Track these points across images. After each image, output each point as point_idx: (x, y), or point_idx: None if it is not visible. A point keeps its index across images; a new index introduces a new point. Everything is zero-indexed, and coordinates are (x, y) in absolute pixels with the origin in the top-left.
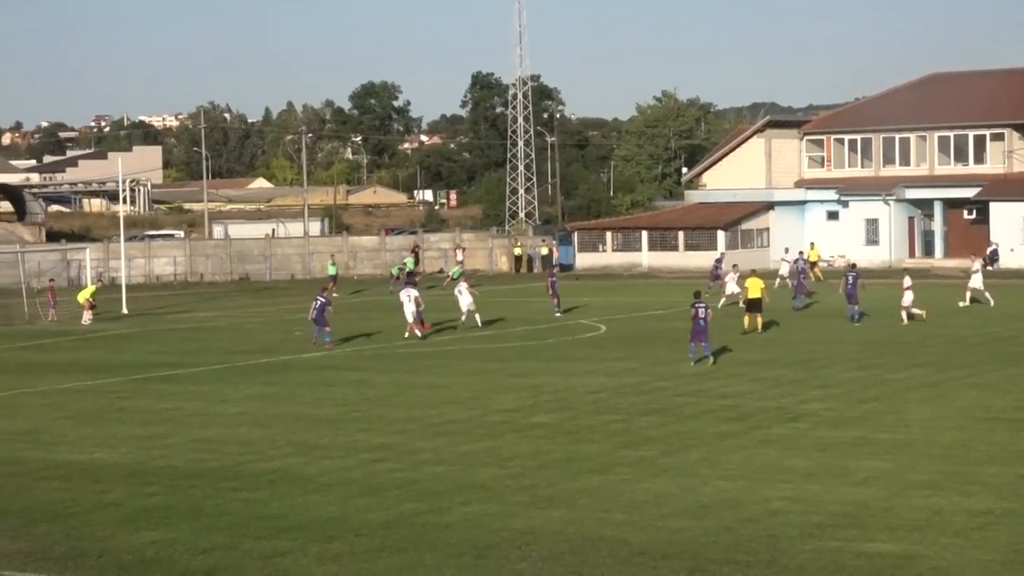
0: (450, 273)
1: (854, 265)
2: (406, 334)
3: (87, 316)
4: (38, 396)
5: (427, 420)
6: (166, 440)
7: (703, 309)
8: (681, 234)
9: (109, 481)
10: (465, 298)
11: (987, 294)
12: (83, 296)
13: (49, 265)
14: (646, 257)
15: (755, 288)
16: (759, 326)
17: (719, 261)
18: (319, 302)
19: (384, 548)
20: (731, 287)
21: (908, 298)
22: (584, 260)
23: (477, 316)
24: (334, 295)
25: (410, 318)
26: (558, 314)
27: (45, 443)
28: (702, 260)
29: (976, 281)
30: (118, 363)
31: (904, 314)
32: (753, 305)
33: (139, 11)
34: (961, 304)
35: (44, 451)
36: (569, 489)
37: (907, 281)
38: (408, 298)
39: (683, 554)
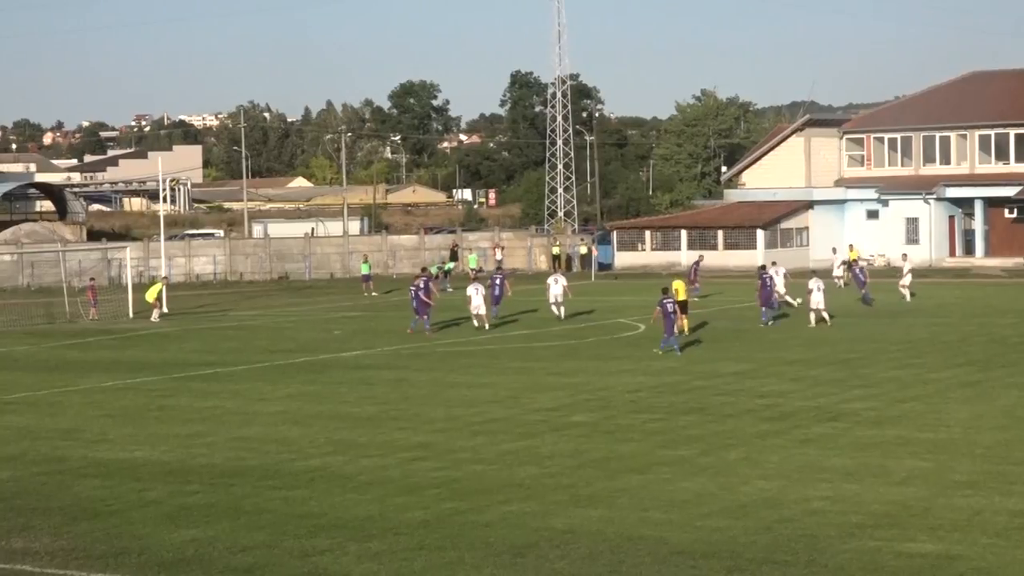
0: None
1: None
2: (477, 324)
3: (156, 314)
4: (79, 394)
5: (466, 419)
6: (206, 438)
7: (671, 304)
8: (720, 233)
9: (149, 479)
10: (477, 299)
11: None
12: (151, 295)
13: (90, 264)
14: (685, 256)
15: (681, 290)
16: (686, 328)
17: (697, 264)
18: (415, 289)
19: (423, 547)
20: (781, 287)
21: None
22: (623, 259)
23: (485, 321)
24: (372, 294)
25: (480, 310)
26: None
27: (86, 441)
28: (742, 259)
29: None
30: (159, 362)
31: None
32: (681, 306)
33: (179, 11)
34: None
35: (85, 449)
36: (608, 488)
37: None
38: (476, 291)
39: (722, 553)
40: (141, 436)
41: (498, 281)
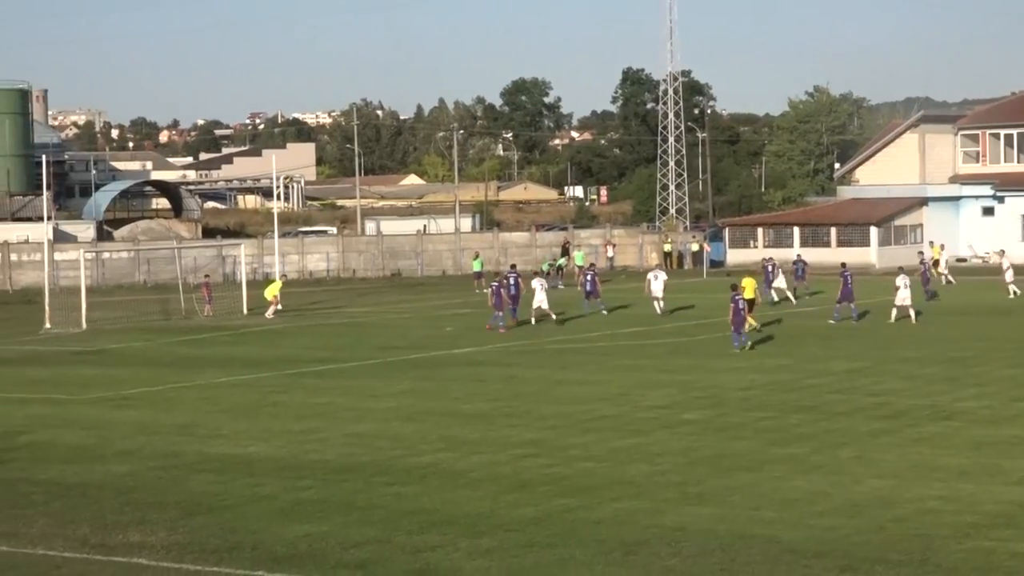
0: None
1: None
2: (538, 318)
3: (271, 311)
4: (194, 390)
5: (577, 416)
6: (319, 434)
7: (742, 300)
8: (833, 230)
9: (263, 474)
10: (540, 294)
11: None
12: (270, 292)
13: (205, 261)
14: (798, 253)
15: (749, 288)
16: (755, 324)
17: (801, 259)
18: (494, 286)
19: (534, 544)
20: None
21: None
22: (735, 256)
23: (546, 316)
24: (484, 291)
25: (544, 305)
26: (604, 312)
27: (201, 436)
28: (855, 256)
29: None
30: (272, 358)
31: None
32: (749, 304)
33: (293, 9)
34: None
35: (200, 444)
36: (719, 486)
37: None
38: (540, 286)
39: (835, 552)
40: (255, 431)
41: (512, 281)
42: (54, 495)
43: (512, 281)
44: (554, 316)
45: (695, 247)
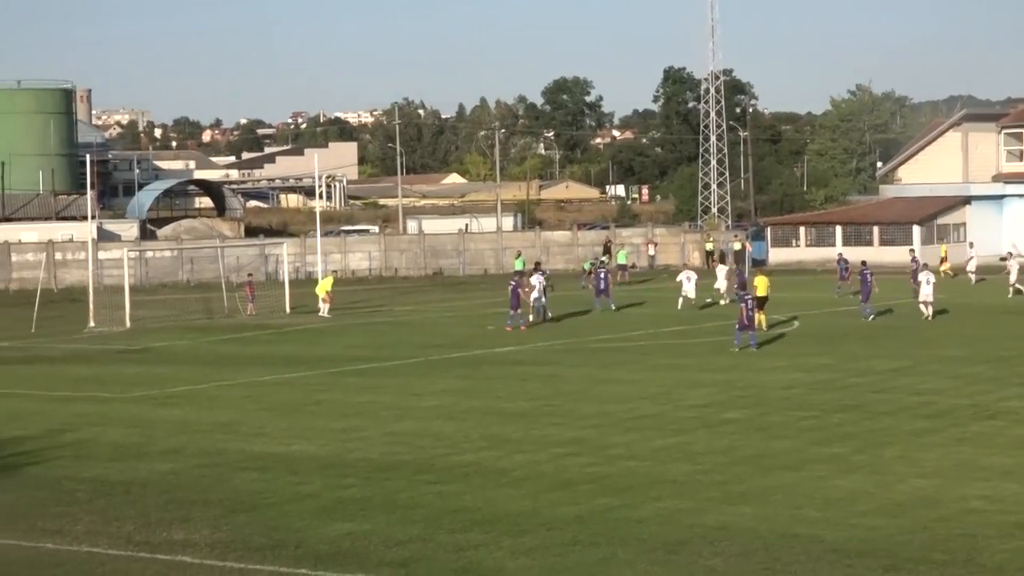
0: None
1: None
2: (530, 316)
3: (325, 308)
4: (238, 388)
5: (619, 415)
6: (361, 433)
7: (751, 300)
8: (876, 229)
9: (306, 473)
10: (536, 292)
11: None
12: (322, 289)
13: (248, 260)
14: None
15: (762, 286)
16: (764, 324)
17: (843, 258)
18: (512, 285)
19: (576, 542)
20: (1015, 275)
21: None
22: (777, 255)
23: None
24: (525, 289)
25: (533, 302)
26: (613, 307)
27: (244, 435)
28: (897, 255)
29: None
30: (314, 357)
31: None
32: (759, 303)
33: (335, 9)
34: None
35: (243, 442)
36: (761, 485)
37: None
38: (538, 284)
39: (878, 552)
40: (297, 430)
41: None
42: (98, 493)
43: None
44: (550, 315)
45: (737, 246)
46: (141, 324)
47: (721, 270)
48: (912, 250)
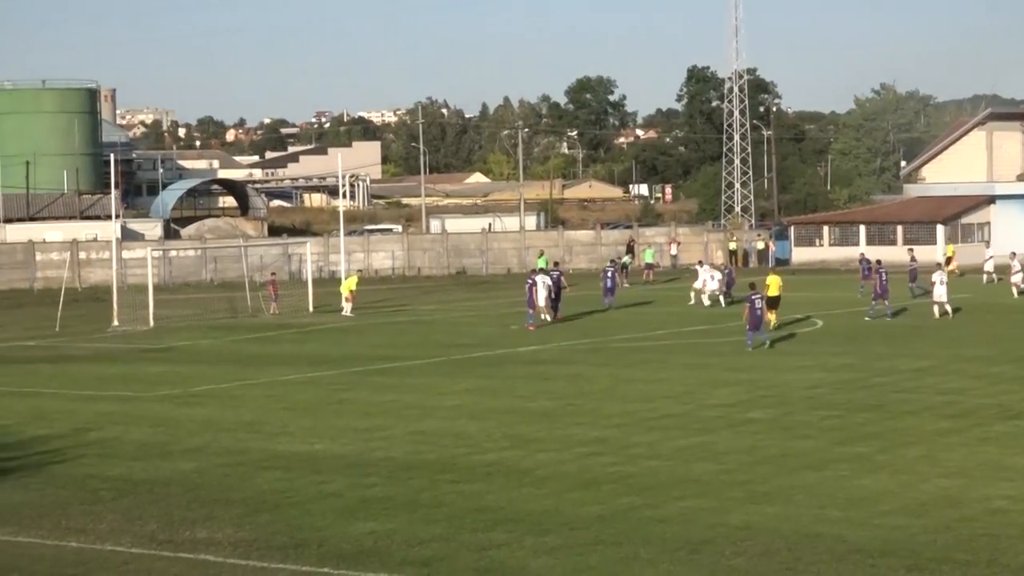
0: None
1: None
2: (543, 316)
3: (348, 307)
4: (261, 387)
5: (642, 414)
6: (384, 432)
7: (759, 299)
8: (900, 228)
9: (329, 472)
10: (541, 292)
11: None
12: (346, 287)
13: (271, 259)
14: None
15: (774, 286)
16: (772, 323)
17: (865, 258)
18: (529, 283)
19: (599, 542)
20: (1016, 277)
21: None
22: (800, 254)
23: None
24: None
25: (542, 303)
26: (607, 303)
27: (267, 434)
28: (921, 255)
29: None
30: (337, 356)
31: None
32: (771, 302)
33: (359, 8)
34: None
35: (266, 441)
36: (785, 485)
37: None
38: (543, 283)
39: (901, 552)
40: (321, 429)
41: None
42: (122, 491)
43: (553, 280)
44: (551, 317)
45: (760, 245)
46: (165, 323)
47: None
48: (911, 249)
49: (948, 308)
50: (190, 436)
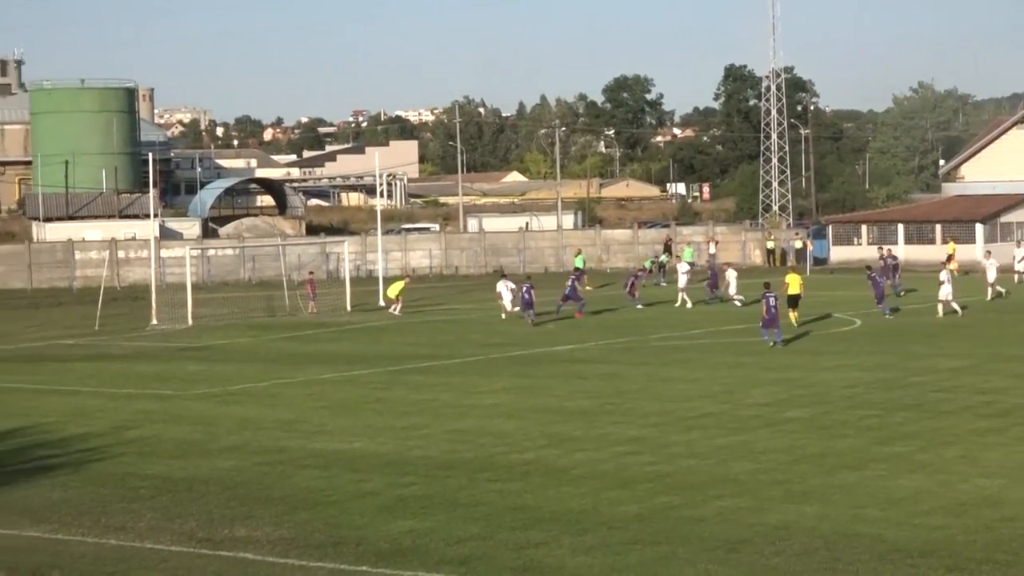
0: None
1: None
2: (503, 316)
3: (397, 308)
4: (299, 386)
5: (679, 413)
6: (422, 431)
7: (773, 299)
8: (938, 227)
9: (367, 470)
10: (507, 295)
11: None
12: (393, 291)
13: (309, 258)
14: (902, 250)
15: (794, 284)
16: (795, 322)
17: (891, 254)
18: (525, 286)
19: (637, 541)
20: (992, 274)
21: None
22: (839, 253)
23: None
24: (586, 288)
25: (508, 306)
26: (639, 307)
27: (306, 432)
28: (960, 254)
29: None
30: (375, 354)
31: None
32: (791, 301)
33: (396, 7)
34: None
35: (305, 440)
36: (823, 484)
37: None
38: (504, 287)
39: (941, 552)
40: (358, 428)
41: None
42: (161, 490)
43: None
44: (508, 315)
45: (798, 244)
46: (203, 322)
47: (683, 267)
48: (881, 248)
49: (955, 306)
50: (228, 434)
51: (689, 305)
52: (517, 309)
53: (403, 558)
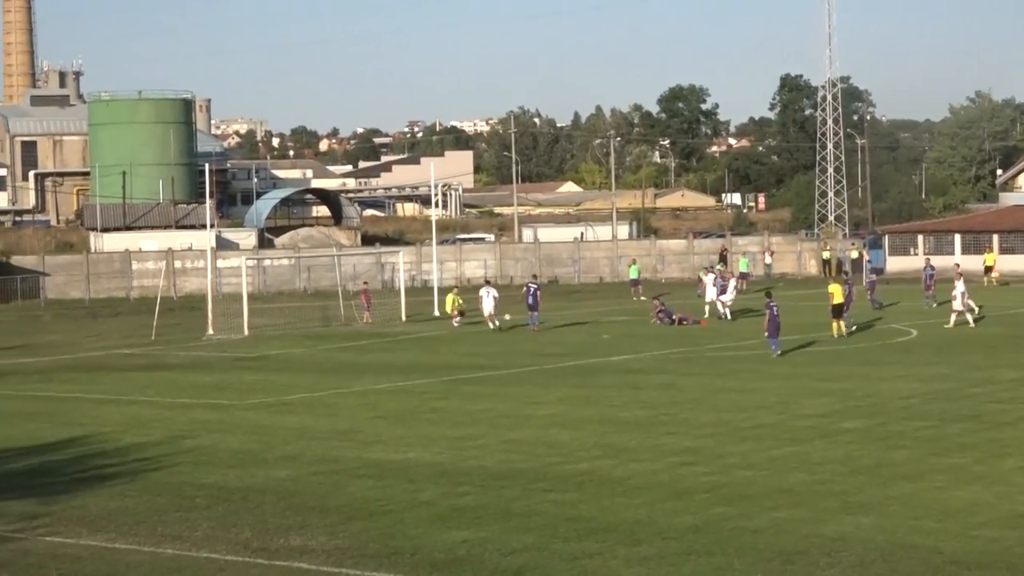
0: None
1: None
2: (489, 324)
3: (456, 320)
4: (354, 396)
5: (735, 424)
6: (477, 441)
7: (775, 308)
8: (996, 237)
9: (422, 480)
10: (488, 301)
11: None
12: (450, 305)
13: (364, 268)
14: (959, 260)
15: (837, 294)
16: (843, 331)
17: (930, 265)
18: (532, 288)
19: (692, 552)
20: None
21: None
22: (895, 263)
23: (492, 321)
24: (641, 298)
25: (486, 311)
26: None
27: (361, 442)
28: (1018, 264)
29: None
30: (430, 364)
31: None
32: (835, 311)
33: (451, 19)
34: None
35: (360, 450)
36: (879, 496)
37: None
38: (487, 293)
39: (998, 564)
40: (413, 437)
41: (532, 289)
42: (217, 499)
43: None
44: (497, 323)
45: (854, 254)
46: (259, 332)
47: (708, 278)
48: (928, 257)
49: (969, 317)
50: (284, 444)
51: (728, 317)
52: (496, 316)
53: (458, 568)
